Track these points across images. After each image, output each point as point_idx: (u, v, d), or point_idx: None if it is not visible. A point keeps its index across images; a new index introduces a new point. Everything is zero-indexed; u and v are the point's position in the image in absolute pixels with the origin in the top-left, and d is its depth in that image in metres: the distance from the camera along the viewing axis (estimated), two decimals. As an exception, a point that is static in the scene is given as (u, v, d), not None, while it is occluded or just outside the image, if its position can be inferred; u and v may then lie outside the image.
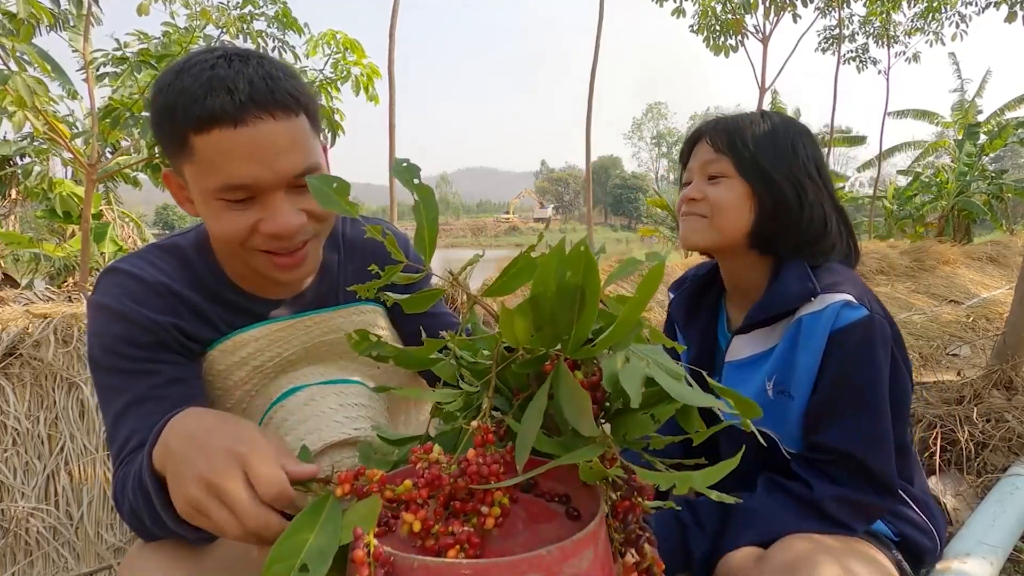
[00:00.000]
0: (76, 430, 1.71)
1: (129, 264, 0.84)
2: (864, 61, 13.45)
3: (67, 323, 1.92)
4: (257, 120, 0.71)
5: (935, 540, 1.03)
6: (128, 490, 0.71)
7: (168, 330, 0.81)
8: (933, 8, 11.29)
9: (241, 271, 0.89)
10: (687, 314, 1.17)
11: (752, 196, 0.99)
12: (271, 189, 0.75)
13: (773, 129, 1.00)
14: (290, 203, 0.77)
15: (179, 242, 0.89)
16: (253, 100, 0.71)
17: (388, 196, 8.30)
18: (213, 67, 0.72)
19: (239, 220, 0.76)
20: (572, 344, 0.61)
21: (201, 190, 0.75)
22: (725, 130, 1.01)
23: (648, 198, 23.75)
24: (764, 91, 11.89)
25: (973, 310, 5.04)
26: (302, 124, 0.77)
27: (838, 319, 0.92)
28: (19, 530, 1.54)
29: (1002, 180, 13.61)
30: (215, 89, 0.70)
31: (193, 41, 3.86)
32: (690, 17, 10.50)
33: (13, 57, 3.56)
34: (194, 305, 0.85)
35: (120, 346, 0.79)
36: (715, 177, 1.01)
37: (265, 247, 0.79)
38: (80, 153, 4.01)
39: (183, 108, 0.71)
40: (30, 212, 8.89)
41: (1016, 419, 2.06)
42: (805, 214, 0.98)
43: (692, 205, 1.03)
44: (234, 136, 0.71)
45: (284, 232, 0.77)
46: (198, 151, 0.72)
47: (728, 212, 1.00)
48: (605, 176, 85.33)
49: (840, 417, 0.93)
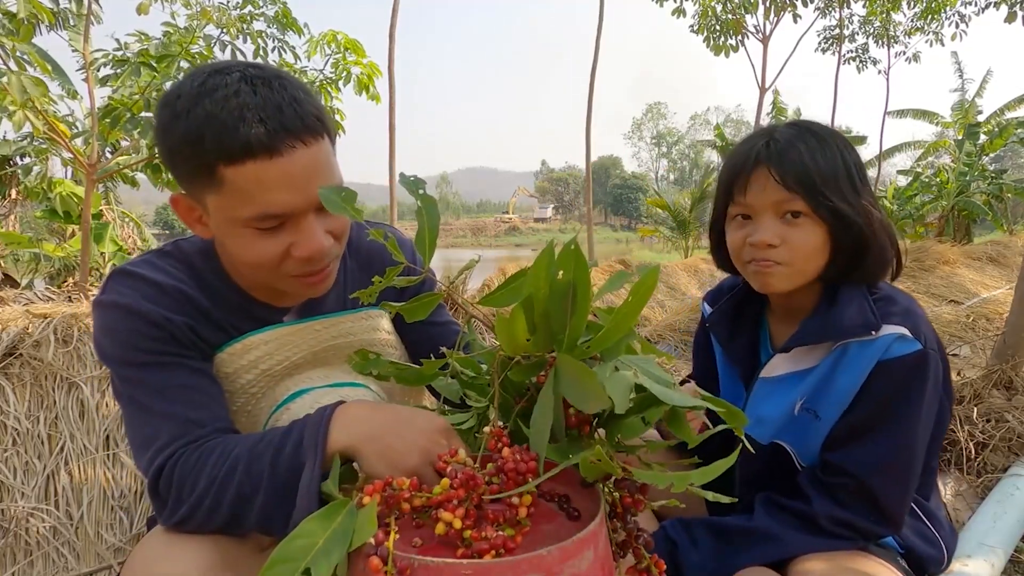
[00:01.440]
0: (76, 430, 1.71)
1: (137, 267, 0.84)
2: (864, 61, 13.45)
3: (67, 323, 1.92)
4: (291, 150, 0.71)
5: (942, 552, 1.02)
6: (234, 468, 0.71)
7: (182, 328, 0.81)
8: (933, 9, 11.28)
9: (251, 282, 0.89)
10: (730, 330, 1.11)
11: (829, 235, 0.92)
12: (302, 213, 0.75)
13: (830, 155, 0.92)
14: (321, 225, 0.78)
15: (183, 247, 0.89)
16: (285, 128, 0.70)
17: (388, 196, 8.30)
18: (237, 93, 0.70)
19: (272, 246, 0.76)
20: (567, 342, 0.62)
21: (229, 219, 0.75)
22: (793, 164, 0.90)
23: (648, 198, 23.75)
24: (764, 91, 11.89)
25: (973, 310, 5.03)
26: (327, 145, 0.77)
27: (889, 351, 0.89)
28: (19, 530, 1.54)
29: (1002, 180, 13.60)
30: (247, 120, 0.69)
31: (193, 41, 3.85)
32: (690, 17, 10.50)
33: (13, 57, 3.56)
34: (203, 308, 0.85)
35: (135, 339, 0.79)
36: (792, 215, 0.92)
37: (297, 271, 0.79)
38: (80, 153, 4.01)
39: (213, 139, 0.69)
40: (30, 212, 8.89)
41: (1016, 419, 2.06)
42: (876, 245, 0.93)
43: (768, 252, 0.92)
44: (270, 167, 0.70)
45: (317, 255, 0.78)
46: (229, 182, 0.71)
47: (811, 257, 0.92)
48: (605, 176, 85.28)
49: (864, 443, 0.91)
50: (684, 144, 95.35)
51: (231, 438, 0.76)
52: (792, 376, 1.00)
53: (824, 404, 0.95)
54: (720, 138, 16.58)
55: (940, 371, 0.92)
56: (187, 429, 0.77)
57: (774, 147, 0.93)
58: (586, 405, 0.58)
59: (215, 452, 0.73)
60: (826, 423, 0.95)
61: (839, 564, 0.89)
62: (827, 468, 0.94)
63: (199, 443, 0.76)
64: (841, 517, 0.91)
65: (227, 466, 0.72)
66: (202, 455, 0.74)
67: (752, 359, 1.09)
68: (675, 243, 16.20)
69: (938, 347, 0.94)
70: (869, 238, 0.92)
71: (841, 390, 0.93)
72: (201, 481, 0.72)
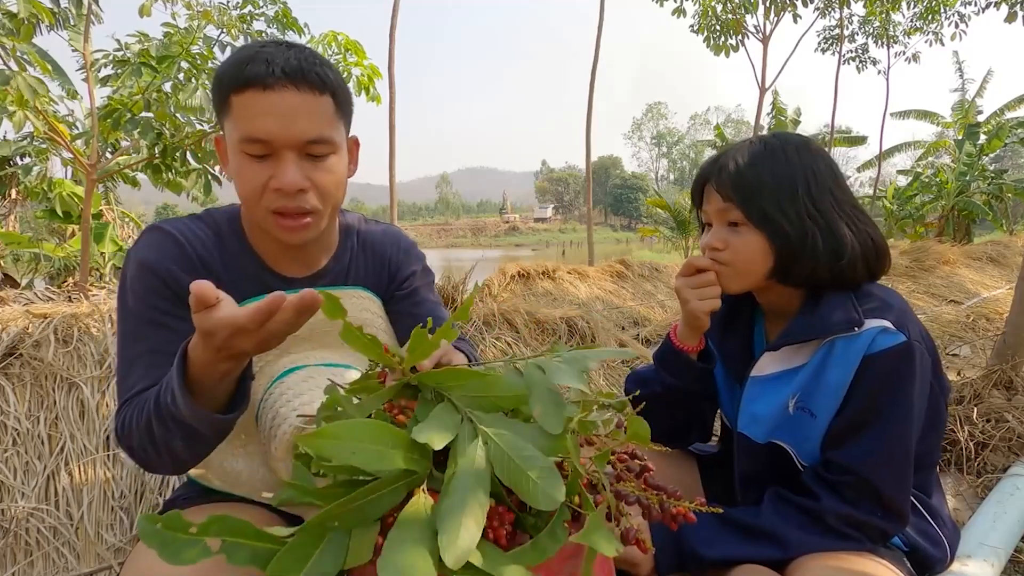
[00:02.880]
0: (76, 430, 1.71)
1: (168, 224, 0.94)
2: (864, 61, 13.45)
3: (67, 323, 1.92)
4: (283, 88, 0.83)
5: (945, 551, 1.03)
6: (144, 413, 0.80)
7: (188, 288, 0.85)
8: (933, 8, 11.28)
9: (262, 242, 0.97)
10: (723, 329, 1.16)
11: (767, 241, 0.98)
12: (284, 148, 0.85)
13: (774, 168, 0.98)
14: (298, 166, 0.86)
15: (214, 213, 0.99)
16: (284, 72, 0.83)
17: (388, 196, 8.29)
18: (263, 47, 0.86)
19: (256, 175, 0.86)
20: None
21: (232, 142, 0.87)
22: (730, 177, 0.99)
23: (648, 198, 23.74)
24: (764, 91, 11.88)
25: (973, 310, 5.03)
26: (324, 102, 0.87)
27: (873, 344, 0.91)
28: (19, 530, 1.54)
29: (1002, 180, 13.61)
30: (255, 60, 0.83)
31: (194, 42, 3.84)
32: (690, 17, 10.49)
33: (13, 57, 3.55)
34: (216, 272, 0.93)
35: (147, 295, 0.88)
36: (731, 224, 1.01)
37: (274, 206, 0.87)
38: (80, 153, 4.01)
39: (229, 74, 0.84)
40: (30, 212, 8.89)
41: (1016, 419, 2.06)
42: (820, 252, 0.96)
43: (715, 254, 1.03)
44: (262, 97, 0.83)
45: (287, 187, 0.85)
46: (234, 107, 0.85)
47: (749, 260, 0.99)
48: (605, 176, 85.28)
49: (860, 438, 0.92)
50: (684, 144, 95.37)
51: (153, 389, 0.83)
52: (782, 374, 1.02)
53: (817, 401, 0.97)
54: (720, 138, 16.58)
55: (928, 362, 0.94)
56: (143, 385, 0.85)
57: (717, 163, 1.03)
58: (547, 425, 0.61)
59: (144, 401, 0.82)
60: (822, 421, 0.96)
61: (841, 565, 0.89)
62: (829, 466, 0.96)
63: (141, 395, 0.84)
64: (849, 514, 0.92)
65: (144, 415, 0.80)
66: (138, 404, 0.82)
67: (746, 358, 1.10)
68: (675, 243, 16.20)
69: (925, 340, 0.95)
70: (809, 249, 0.96)
71: (832, 386, 0.95)
72: (134, 432, 0.81)
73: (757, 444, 1.05)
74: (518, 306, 2.99)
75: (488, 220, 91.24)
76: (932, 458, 1.04)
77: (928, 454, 1.02)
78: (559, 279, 5.47)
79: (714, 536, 0.94)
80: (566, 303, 4.86)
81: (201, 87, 3.86)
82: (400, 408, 0.65)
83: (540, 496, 0.55)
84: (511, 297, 4.78)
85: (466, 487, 0.54)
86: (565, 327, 3.03)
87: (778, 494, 0.98)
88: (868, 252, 0.99)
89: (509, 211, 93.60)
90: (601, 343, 3.04)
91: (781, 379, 1.02)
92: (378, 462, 0.56)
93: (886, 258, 1.02)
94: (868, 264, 0.99)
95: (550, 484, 0.55)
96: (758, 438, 1.05)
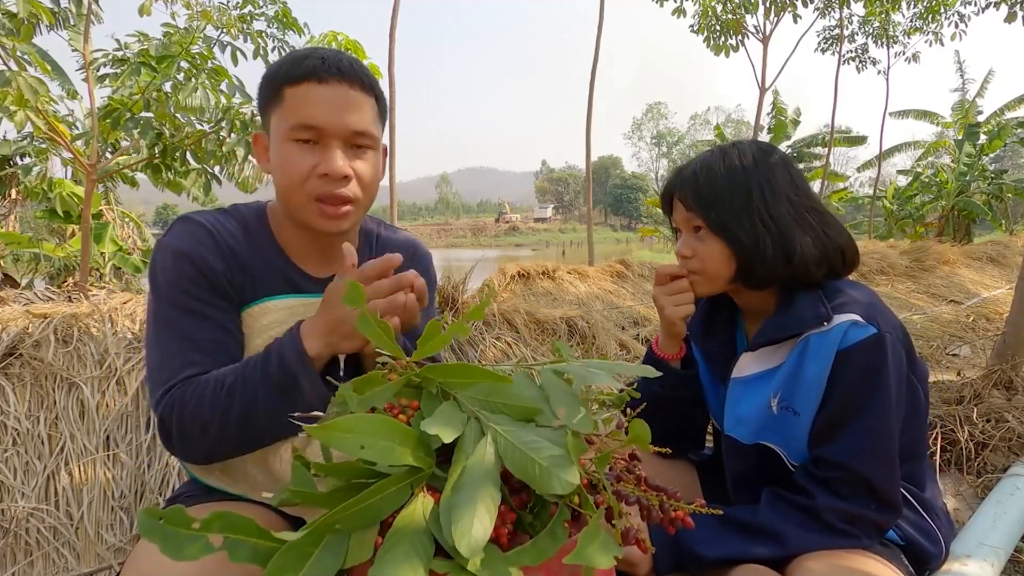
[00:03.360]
0: (76, 430, 1.71)
1: (200, 216, 0.97)
2: (864, 61, 13.43)
3: (67, 323, 1.92)
4: (337, 83, 0.90)
5: (940, 546, 1.04)
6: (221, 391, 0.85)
7: (220, 278, 0.93)
8: (933, 8, 11.27)
9: (290, 239, 1.00)
10: (704, 330, 1.19)
11: (727, 247, 1.03)
12: (332, 137, 0.90)
13: (730, 177, 1.03)
14: (344, 156, 0.91)
15: (241, 209, 1.03)
16: (339, 69, 0.91)
17: (388, 196, 8.30)
18: (315, 49, 0.93)
19: (302, 161, 0.90)
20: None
21: (280, 132, 0.91)
22: (691, 188, 1.06)
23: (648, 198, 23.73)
24: (764, 91, 11.88)
25: (973, 310, 5.03)
26: (370, 103, 0.94)
27: (846, 338, 0.94)
28: (19, 530, 1.54)
29: (1002, 180, 13.61)
30: (311, 57, 0.91)
31: (193, 41, 3.84)
32: (690, 17, 10.48)
33: (13, 57, 3.55)
34: (244, 263, 0.96)
35: (184, 283, 0.91)
36: (695, 230, 1.07)
37: (317, 192, 0.91)
38: (80, 153, 4.00)
39: (286, 68, 0.91)
40: (30, 212, 8.89)
41: (1016, 419, 2.06)
42: (770, 256, 1.00)
43: (684, 261, 1.09)
44: (317, 88, 0.90)
45: (334, 172, 0.90)
46: (287, 98, 0.91)
47: (713, 265, 1.05)
48: (605, 176, 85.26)
49: (844, 432, 0.94)
50: (684, 144, 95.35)
51: (219, 371, 0.88)
52: (762, 375, 1.05)
53: (799, 399, 0.99)
54: (720, 138, 16.58)
55: (900, 351, 0.96)
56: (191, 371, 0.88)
57: (681, 174, 1.09)
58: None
59: (210, 383, 0.86)
60: (806, 418, 0.98)
61: (839, 564, 0.89)
62: (818, 463, 0.97)
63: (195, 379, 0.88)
64: (844, 509, 0.92)
65: (225, 389, 0.85)
66: (198, 386, 0.86)
67: (729, 359, 1.13)
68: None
69: (896, 330, 0.98)
70: (764, 254, 1.01)
71: (810, 382, 0.97)
72: (204, 407, 0.84)
73: (744, 445, 1.07)
74: (518, 306, 2.99)
75: (488, 220, 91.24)
76: (919, 448, 1.06)
77: (915, 444, 1.03)
78: (559, 279, 5.47)
79: (712, 535, 0.95)
80: (566, 303, 4.87)
81: (201, 87, 3.86)
82: (401, 408, 0.65)
83: (553, 481, 0.55)
84: (511, 297, 4.78)
85: (477, 482, 0.55)
86: (565, 327, 3.03)
87: (775, 493, 0.99)
88: (828, 253, 1.02)
89: (508, 212, 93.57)
90: (601, 343, 3.04)
91: (761, 379, 1.04)
92: (387, 456, 0.56)
93: (852, 256, 1.06)
94: (829, 264, 1.03)
95: (562, 468, 0.56)
96: (745, 439, 1.07)
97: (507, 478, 0.59)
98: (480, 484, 0.54)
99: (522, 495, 0.62)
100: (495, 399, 0.64)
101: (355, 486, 0.57)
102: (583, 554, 0.54)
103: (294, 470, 0.62)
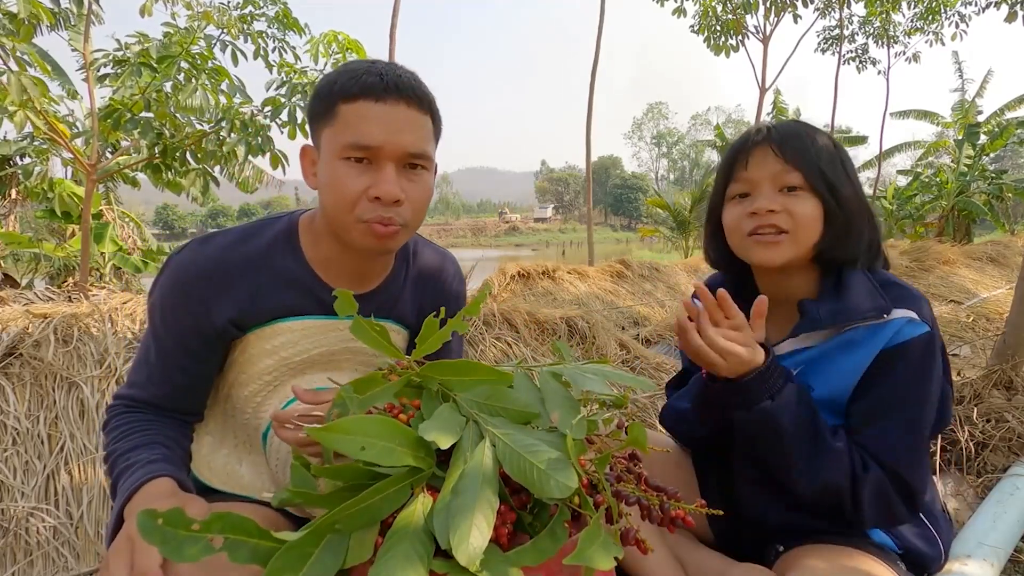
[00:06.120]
0: (76, 430, 1.71)
1: (217, 236, 0.96)
2: (864, 61, 13.43)
3: (67, 323, 1.92)
4: (395, 102, 0.86)
5: (939, 549, 1.03)
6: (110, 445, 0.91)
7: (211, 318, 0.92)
8: (933, 8, 11.27)
9: (326, 255, 0.96)
10: None
11: (823, 210, 0.96)
12: (386, 159, 0.87)
13: (825, 142, 0.99)
14: (396, 179, 0.88)
15: (271, 223, 0.99)
16: (397, 87, 0.87)
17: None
18: (374, 63, 0.89)
19: (353, 182, 0.86)
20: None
21: (332, 149, 0.87)
22: (792, 140, 0.98)
23: (648, 198, 23.73)
24: (764, 91, 11.88)
25: (973, 310, 5.03)
26: (426, 122, 0.90)
27: (899, 334, 0.93)
28: (19, 530, 1.54)
29: (1002, 180, 13.60)
30: (370, 73, 0.87)
31: (194, 42, 3.85)
32: (691, 17, 10.48)
33: (13, 57, 3.55)
34: (257, 290, 0.93)
35: (169, 312, 0.93)
36: (790, 189, 0.97)
37: (367, 216, 0.87)
38: (80, 153, 4.01)
39: (341, 83, 0.87)
40: (30, 212, 8.89)
41: (1016, 419, 2.05)
42: (867, 226, 0.98)
43: (769, 217, 0.96)
44: (373, 107, 0.86)
45: (386, 196, 0.86)
46: (341, 115, 0.87)
47: (809, 226, 0.96)
48: (605, 176, 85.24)
49: (885, 426, 0.93)
50: (684, 144, 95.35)
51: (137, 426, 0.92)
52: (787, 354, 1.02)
53: (818, 379, 0.98)
54: (720, 138, 16.58)
55: (943, 353, 0.97)
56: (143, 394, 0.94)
57: (775, 129, 1.01)
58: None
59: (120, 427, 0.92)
60: (819, 394, 0.97)
61: (839, 563, 0.89)
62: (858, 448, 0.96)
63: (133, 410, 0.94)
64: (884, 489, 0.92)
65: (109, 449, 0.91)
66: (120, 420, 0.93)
67: None
68: (675, 243, 16.20)
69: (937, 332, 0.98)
70: (859, 217, 0.98)
71: (841, 370, 0.95)
72: (107, 437, 0.92)
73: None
74: (518, 306, 2.99)
75: (488, 220, 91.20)
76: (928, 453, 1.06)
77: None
78: (559, 279, 5.48)
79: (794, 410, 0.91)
80: (566, 303, 4.87)
81: (201, 87, 3.86)
82: (401, 408, 0.65)
83: (552, 484, 0.55)
84: (511, 297, 4.79)
85: (475, 487, 0.55)
86: (565, 327, 3.03)
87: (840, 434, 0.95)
88: (879, 242, 1.02)
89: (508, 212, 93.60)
90: (601, 343, 3.04)
91: (783, 358, 1.02)
92: (387, 458, 0.56)
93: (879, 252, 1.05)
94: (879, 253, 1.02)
95: (560, 472, 0.56)
96: None
97: (507, 478, 0.59)
98: (479, 489, 0.54)
99: (522, 495, 0.62)
100: (494, 402, 0.64)
101: (355, 486, 0.57)
102: (583, 555, 0.54)
103: (293, 471, 0.62)
